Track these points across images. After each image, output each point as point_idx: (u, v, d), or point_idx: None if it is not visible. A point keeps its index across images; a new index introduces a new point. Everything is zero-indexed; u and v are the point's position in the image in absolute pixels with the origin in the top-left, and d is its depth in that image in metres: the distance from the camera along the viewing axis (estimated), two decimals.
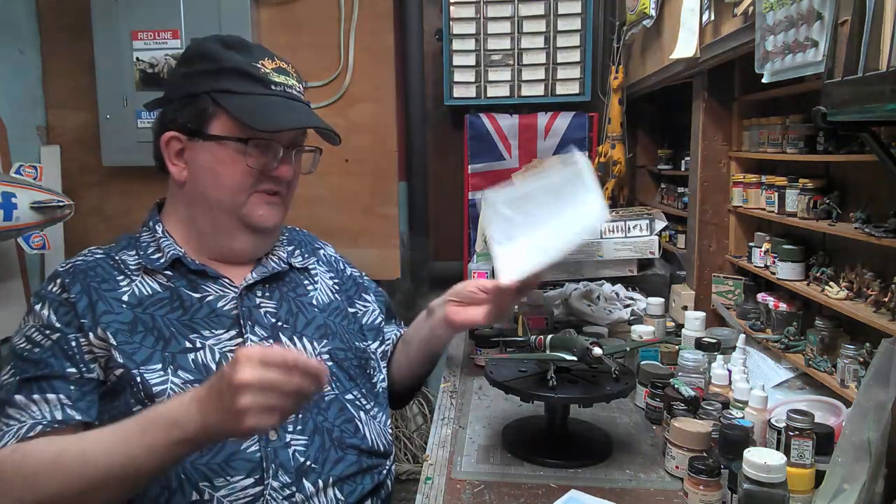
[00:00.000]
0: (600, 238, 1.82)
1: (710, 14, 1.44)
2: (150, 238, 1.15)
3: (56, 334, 1.02)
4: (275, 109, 1.09)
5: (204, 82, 1.09)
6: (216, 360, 1.05)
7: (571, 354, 1.03)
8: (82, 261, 1.11)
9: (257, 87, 1.09)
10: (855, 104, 0.83)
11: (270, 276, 1.17)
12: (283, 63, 1.15)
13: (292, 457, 1.02)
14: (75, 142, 2.50)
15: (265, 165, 1.10)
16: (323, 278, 1.26)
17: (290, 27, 2.45)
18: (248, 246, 1.15)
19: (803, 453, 0.86)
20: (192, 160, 1.12)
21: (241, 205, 1.11)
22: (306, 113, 1.14)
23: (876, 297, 1.07)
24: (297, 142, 1.15)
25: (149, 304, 1.07)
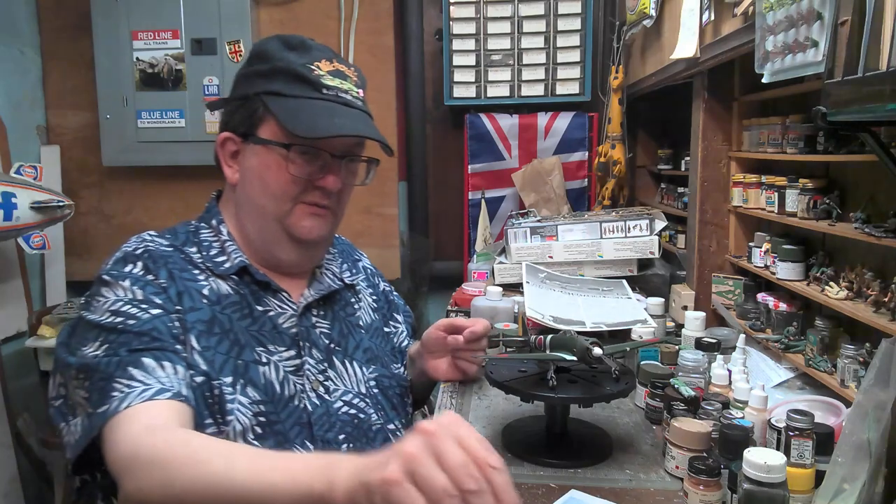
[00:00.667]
0: (600, 238, 1.82)
1: (710, 14, 1.44)
2: (213, 237, 1.08)
3: (156, 309, 0.93)
4: (320, 115, 1.01)
5: (257, 83, 1.04)
6: (279, 380, 1.00)
7: (571, 354, 1.03)
8: (154, 247, 1.02)
9: (307, 90, 1.02)
10: (855, 104, 0.83)
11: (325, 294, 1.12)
12: (343, 66, 1.07)
13: None
14: (75, 142, 2.50)
15: (310, 174, 1.02)
16: (365, 295, 1.22)
17: (290, 27, 2.45)
18: (294, 257, 1.08)
19: (803, 453, 0.86)
20: (243, 163, 1.06)
21: (286, 214, 1.04)
22: (355, 120, 1.04)
23: (876, 297, 1.07)
24: (350, 151, 1.06)
25: (226, 303, 1.01)
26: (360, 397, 1.08)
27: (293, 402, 1.00)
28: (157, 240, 1.05)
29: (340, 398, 1.06)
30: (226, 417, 0.93)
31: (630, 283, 1.71)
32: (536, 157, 2.45)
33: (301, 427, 1.00)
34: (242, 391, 0.96)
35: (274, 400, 0.98)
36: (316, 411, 1.02)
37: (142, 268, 0.98)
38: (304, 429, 1.00)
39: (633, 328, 1.39)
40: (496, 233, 2.48)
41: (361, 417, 1.07)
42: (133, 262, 0.99)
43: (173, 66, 2.34)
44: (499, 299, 1.65)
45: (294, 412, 1.00)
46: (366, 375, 1.11)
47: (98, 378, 0.87)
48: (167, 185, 2.48)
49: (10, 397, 2.13)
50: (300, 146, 1.01)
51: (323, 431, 1.01)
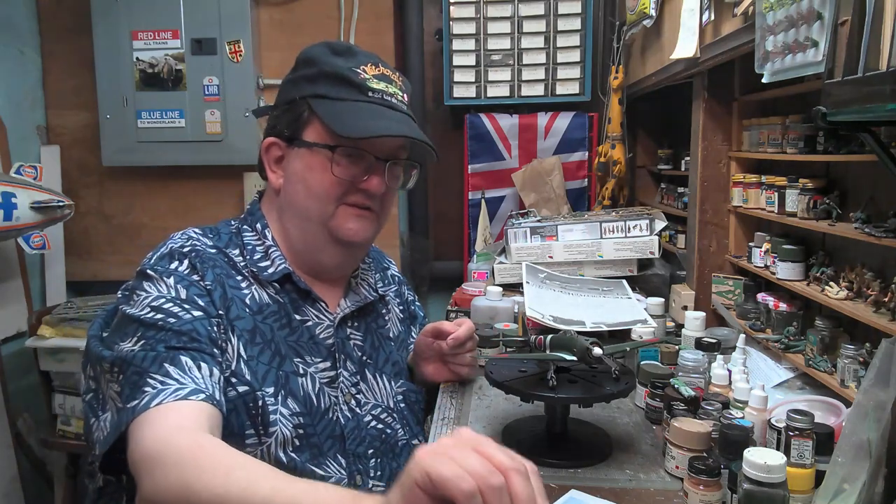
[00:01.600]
0: (600, 238, 1.82)
1: (710, 14, 1.44)
2: (258, 241, 1.06)
3: (197, 311, 0.91)
4: (364, 116, 1.01)
5: (303, 87, 1.04)
6: (315, 391, 0.99)
7: (571, 354, 1.03)
8: (201, 246, 1.00)
9: (353, 92, 1.02)
10: (855, 104, 0.83)
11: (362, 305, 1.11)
12: (388, 70, 1.08)
13: None
14: (75, 142, 2.50)
15: (354, 176, 1.03)
16: (394, 306, 1.22)
17: (290, 27, 2.45)
18: (337, 261, 1.08)
19: (803, 453, 0.86)
20: (287, 167, 1.06)
21: (330, 216, 1.03)
22: (400, 122, 1.04)
23: (876, 297, 1.07)
24: (394, 154, 1.06)
25: (267, 313, 1.00)
26: (388, 412, 1.09)
27: (328, 415, 1.00)
28: (203, 239, 1.03)
29: (370, 412, 1.06)
30: (268, 429, 0.92)
31: (630, 283, 1.71)
32: (536, 157, 2.45)
33: (334, 440, 1.00)
34: (284, 402, 0.95)
35: (311, 412, 0.98)
36: (348, 424, 1.02)
37: (188, 266, 0.96)
38: (338, 442, 1.00)
39: (633, 328, 1.39)
40: (496, 233, 2.48)
41: (388, 433, 1.07)
42: (179, 260, 0.97)
43: (173, 66, 2.33)
44: (499, 299, 1.65)
45: (329, 425, 1.00)
46: (394, 389, 1.11)
47: (132, 372, 0.85)
48: (167, 185, 2.48)
49: (10, 397, 2.13)
50: (345, 148, 1.01)
51: (354, 445, 1.01)
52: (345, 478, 0.98)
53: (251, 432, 0.92)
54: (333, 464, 0.98)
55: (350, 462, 0.99)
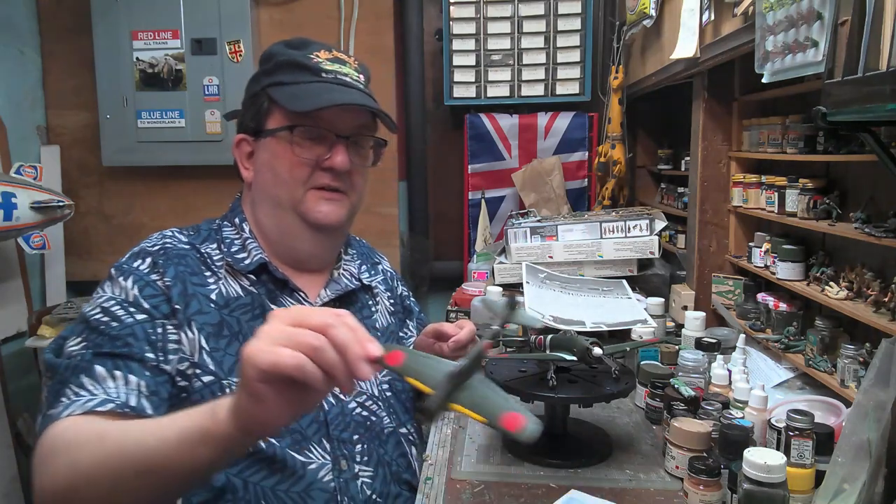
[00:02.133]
0: (600, 238, 1.82)
1: (710, 14, 1.44)
2: (236, 235, 1.09)
3: (141, 315, 0.94)
4: (317, 92, 1.03)
5: (262, 80, 1.08)
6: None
7: (571, 354, 1.03)
8: (171, 244, 1.04)
9: (307, 75, 1.05)
10: (855, 104, 0.83)
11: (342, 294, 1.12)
12: (343, 55, 1.10)
13: (360, 489, 1.00)
14: (75, 142, 2.50)
15: (319, 156, 1.04)
16: (383, 298, 1.23)
17: (290, 27, 2.45)
18: (312, 247, 1.09)
19: (803, 453, 0.86)
20: (256, 160, 1.09)
21: (299, 201, 1.05)
22: (354, 95, 1.05)
23: (876, 297, 1.07)
24: (356, 131, 1.07)
25: (235, 306, 1.01)
26: (372, 399, 1.09)
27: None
28: (178, 236, 1.06)
29: (355, 399, 1.06)
30: None
31: (630, 283, 1.71)
32: (536, 157, 2.45)
33: (319, 425, 1.01)
34: None
35: None
36: (332, 410, 1.02)
37: (150, 264, 0.99)
38: (322, 427, 1.01)
39: (633, 328, 1.40)
40: (496, 233, 2.48)
41: (374, 420, 1.07)
42: (143, 259, 1.00)
43: (173, 66, 2.33)
44: (499, 299, 1.65)
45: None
46: (379, 378, 1.11)
47: (56, 381, 0.88)
48: (167, 185, 2.48)
49: (10, 397, 2.13)
50: (304, 128, 1.03)
51: (339, 431, 1.02)
52: (329, 462, 0.98)
53: None
54: (318, 448, 0.99)
55: (335, 447, 1.00)
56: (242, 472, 0.94)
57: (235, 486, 0.93)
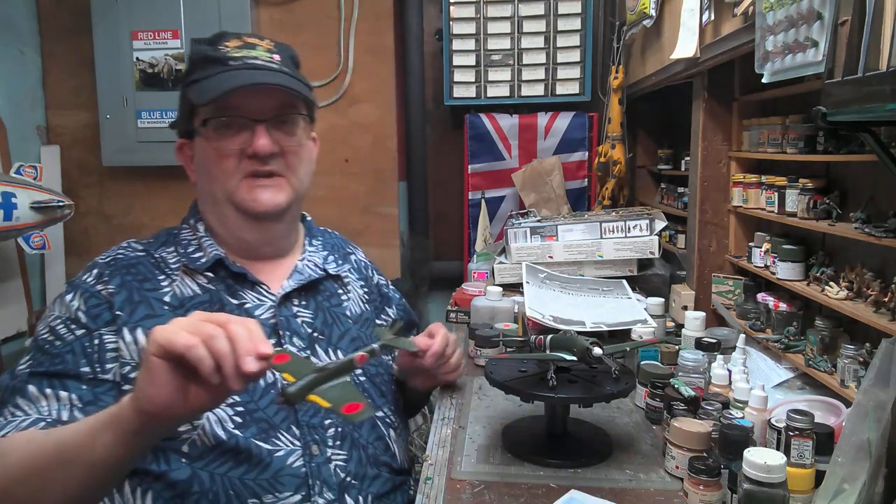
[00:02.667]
0: (600, 238, 1.82)
1: (710, 14, 1.44)
2: (192, 236, 1.11)
3: (80, 330, 0.98)
4: (222, 81, 1.01)
5: (184, 82, 1.09)
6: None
7: (571, 354, 1.03)
8: (123, 254, 1.07)
9: (216, 67, 1.04)
10: (855, 104, 0.83)
11: (307, 284, 1.12)
12: (256, 39, 1.09)
13: (334, 472, 1.00)
14: (75, 142, 2.50)
15: (242, 144, 1.03)
16: (355, 287, 1.22)
17: (290, 27, 2.45)
18: (259, 235, 1.09)
19: (803, 453, 0.86)
20: (195, 161, 1.10)
21: (233, 192, 1.05)
22: (259, 76, 1.03)
23: (876, 297, 1.07)
24: (275, 113, 1.05)
25: (190, 306, 1.02)
26: None
27: (275, 388, 1.02)
28: (134, 245, 1.10)
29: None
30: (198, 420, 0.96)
31: (630, 283, 1.71)
32: (536, 157, 2.45)
33: (287, 412, 1.02)
34: None
35: (249, 390, 1.00)
36: None
37: (96, 275, 1.03)
38: (290, 413, 1.02)
39: (633, 328, 1.40)
40: (496, 233, 2.48)
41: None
42: (91, 270, 1.04)
43: (173, 66, 2.34)
44: (499, 299, 1.65)
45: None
46: None
47: (1, 401, 0.95)
48: (167, 185, 2.48)
49: None
50: (215, 119, 1.03)
51: (308, 416, 1.03)
52: (299, 448, 0.99)
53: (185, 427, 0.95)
54: (286, 435, 1.00)
55: (304, 432, 1.01)
56: (208, 465, 0.95)
57: (202, 479, 0.94)
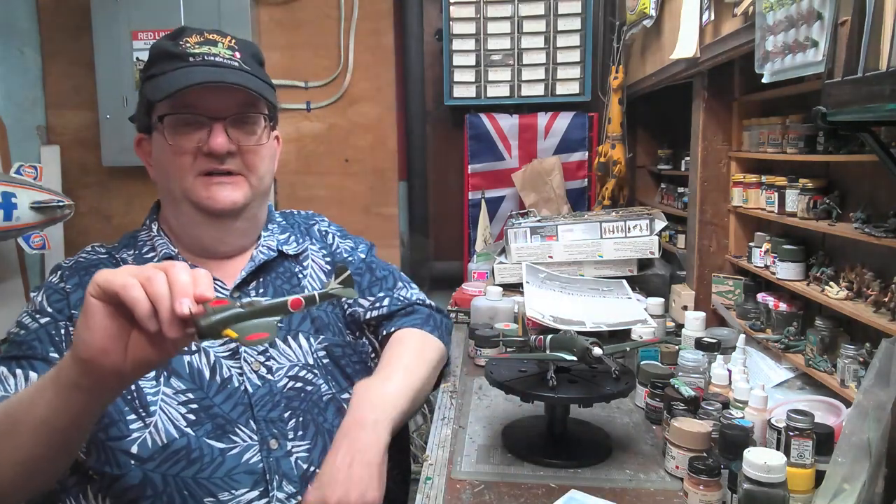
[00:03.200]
0: (600, 238, 1.82)
1: (710, 14, 1.44)
2: (147, 236, 1.12)
3: (45, 318, 1.00)
4: (179, 77, 0.99)
5: (143, 77, 1.08)
6: (210, 365, 1.01)
7: (571, 354, 1.03)
8: (84, 258, 1.10)
9: (174, 63, 1.02)
10: (855, 104, 0.83)
11: (261, 267, 1.10)
12: (217, 35, 1.07)
13: (295, 465, 1.00)
14: (75, 142, 2.50)
15: (198, 142, 1.02)
16: (316, 259, 1.19)
17: (290, 27, 2.45)
18: (216, 233, 1.08)
19: (803, 453, 0.86)
20: (153, 156, 1.09)
21: (189, 189, 1.03)
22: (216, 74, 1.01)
23: (876, 297, 1.07)
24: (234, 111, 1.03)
25: None
26: (307, 369, 1.08)
27: (231, 384, 1.01)
28: (97, 249, 1.12)
29: (286, 374, 1.06)
30: (149, 409, 0.96)
31: (630, 283, 1.71)
32: (536, 157, 2.45)
33: (244, 407, 1.01)
34: (167, 383, 0.98)
35: (203, 387, 1.00)
36: (257, 392, 1.02)
37: (59, 276, 1.06)
38: (247, 409, 1.01)
39: (633, 328, 1.40)
40: (496, 233, 2.48)
41: (309, 390, 1.07)
42: (56, 273, 1.07)
43: None
44: (499, 299, 1.65)
45: (233, 394, 1.01)
46: (314, 346, 1.10)
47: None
48: None
49: None
50: (171, 116, 1.02)
51: (266, 412, 1.02)
52: (256, 443, 0.99)
53: (132, 416, 0.96)
54: (245, 430, 0.99)
55: (262, 427, 1.00)
56: (159, 466, 0.94)
57: (154, 482, 0.94)
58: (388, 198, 2.53)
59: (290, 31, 2.45)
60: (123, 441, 0.94)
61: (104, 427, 0.95)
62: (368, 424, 0.96)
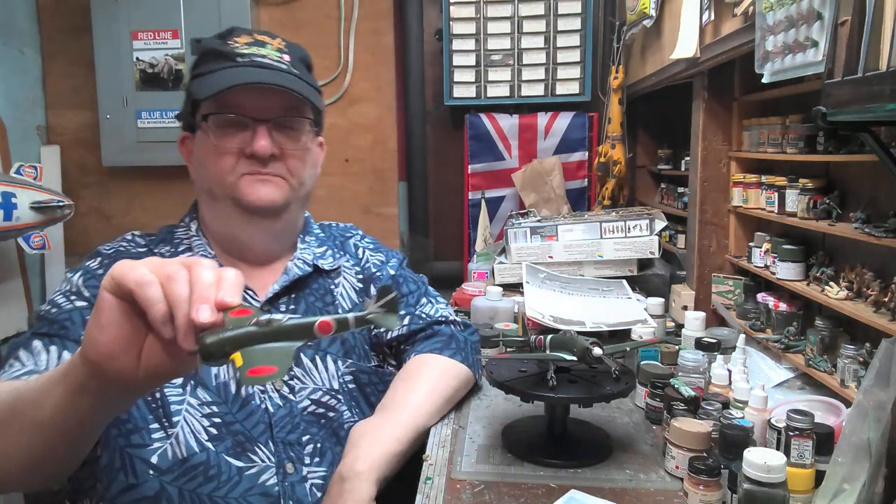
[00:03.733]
0: (600, 238, 1.82)
1: (710, 14, 1.44)
2: (185, 234, 1.09)
3: (81, 301, 0.97)
4: (225, 77, 0.99)
5: (190, 74, 1.08)
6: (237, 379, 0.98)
7: (571, 354, 1.03)
8: (125, 248, 1.07)
9: (223, 62, 1.02)
10: (855, 104, 0.83)
11: (295, 282, 1.08)
12: (266, 37, 1.07)
13: (310, 491, 0.98)
14: (75, 142, 2.50)
15: (242, 143, 1.01)
16: (347, 275, 1.16)
17: (290, 27, 2.45)
18: (253, 233, 1.06)
19: (803, 453, 0.86)
20: (194, 154, 1.09)
21: (232, 188, 1.02)
22: (263, 76, 1.00)
23: (876, 297, 1.07)
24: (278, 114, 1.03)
25: None
26: (330, 393, 1.06)
27: (253, 402, 0.99)
28: (137, 240, 1.09)
29: (308, 397, 1.04)
30: (171, 420, 0.93)
31: (630, 283, 1.71)
32: (536, 157, 2.45)
33: (265, 426, 0.99)
34: (192, 393, 0.96)
35: (228, 401, 0.97)
36: (277, 412, 1.00)
37: (98, 263, 1.03)
38: (267, 428, 0.99)
39: (633, 328, 1.40)
40: (496, 233, 2.48)
41: (331, 416, 1.05)
42: (96, 258, 1.04)
43: (173, 66, 2.34)
44: (499, 299, 1.65)
45: (255, 412, 0.99)
46: (340, 370, 1.08)
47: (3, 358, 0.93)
48: (167, 185, 2.48)
49: None
50: (216, 116, 1.01)
51: (284, 433, 1.00)
52: (272, 465, 0.97)
53: (155, 426, 0.93)
54: (263, 451, 0.97)
55: (280, 449, 0.98)
56: (177, 479, 0.92)
57: (171, 495, 0.92)
58: (388, 198, 2.52)
59: (290, 31, 2.44)
60: (144, 450, 0.92)
61: (125, 433, 0.92)
62: (354, 478, 0.91)
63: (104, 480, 0.93)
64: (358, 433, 0.98)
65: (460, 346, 1.20)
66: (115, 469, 0.92)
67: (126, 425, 0.93)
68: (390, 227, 2.54)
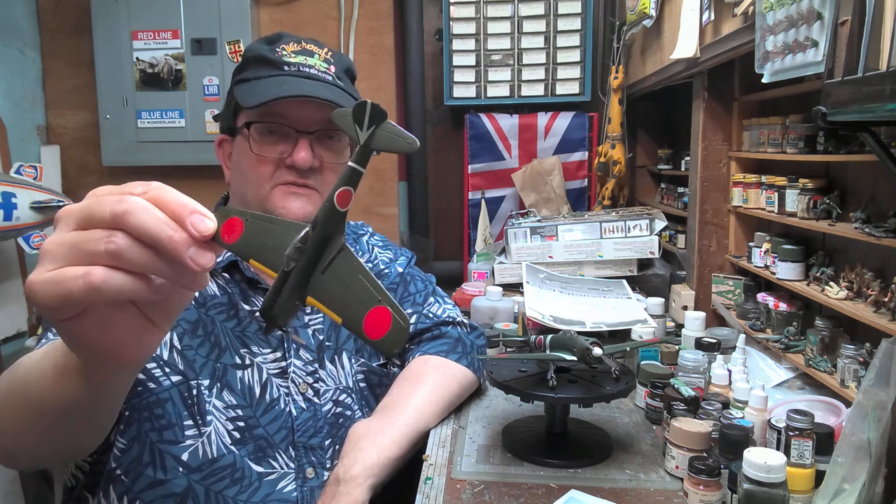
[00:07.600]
0: (600, 238, 1.82)
1: (710, 14, 1.44)
2: None
3: None
4: (272, 86, 0.99)
5: (234, 78, 1.07)
6: (261, 382, 0.98)
7: (571, 354, 1.03)
8: None
9: (269, 69, 1.02)
10: (855, 104, 0.83)
11: None
12: (314, 46, 1.07)
13: None
14: (75, 142, 2.50)
15: (281, 153, 1.00)
16: None
17: (290, 27, 2.45)
18: None
19: (803, 453, 0.86)
20: (232, 159, 1.08)
21: (265, 198, 1.02)
22: (311, 87, 0.99)
23: (876, 297, 1.07)
24: (322, 126, 1.02)
25: (210, 305, 1.00)
26: (347, 392, 1.06)
27: (277, 406, 0.99)
28: None
29: (331, 398, 1.04)
30: (205, 418, 0.94)
31: (630, 283, 1.71)
32: (536, 157, 2.45)
33: (287, 431, 0.99)
34: (219, 395, 0.96)
35: (253, 405, 0.97)
36: (301, 416, 1.00)
37: None
38: (289, 433, 0.99)
39: (633, 328, 1.40)
40: (496, 233, 2.48)
41: (347, 415, 1.05)
42: None
43: (173, 66, 2.34)
44: (499, 299, 1.65)
45: (279, 416, 0.99)
46: (354, 368, 1.09)
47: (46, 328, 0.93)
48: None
49: None
50: (260, 124, 1.00)
51: (306, 438, 1.00)
52: (291, 472, 0.97)
53: (189, 423, 0.93)
54: (283, 456, 0.97)
55: (300, 454, 0.98)
56: (205, 479, 0.93)
57: (197, 493, 0.92)
58: (388, 198, 2.52)
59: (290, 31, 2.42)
60: (177, 446, 0.92)
61: (159, 428, 0.92)
62: (350, 482, 0.91)
63: (131, 474, 0.92)
64: (357, 434, 0.98)
65: (467, 349, 1.19)
66: (144, 463, 0.92)
67: (160, 420, 0.92)
68: (390, 227, 2.54)
